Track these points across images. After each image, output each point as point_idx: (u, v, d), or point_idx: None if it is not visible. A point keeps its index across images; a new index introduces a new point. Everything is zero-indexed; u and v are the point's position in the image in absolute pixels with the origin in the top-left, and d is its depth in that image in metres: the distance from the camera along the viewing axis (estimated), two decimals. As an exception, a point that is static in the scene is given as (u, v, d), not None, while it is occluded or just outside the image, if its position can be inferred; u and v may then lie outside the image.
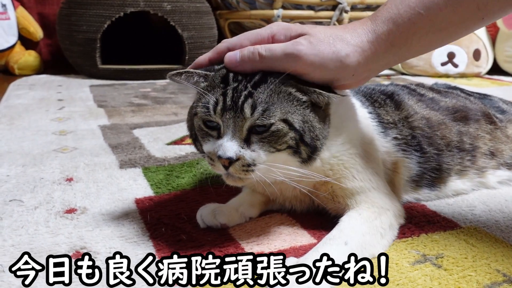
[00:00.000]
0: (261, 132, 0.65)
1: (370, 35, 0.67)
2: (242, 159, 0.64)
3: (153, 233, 0.75)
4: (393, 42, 0.67)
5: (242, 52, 0.68)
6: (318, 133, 0.68)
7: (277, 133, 0.65)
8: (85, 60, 2.27)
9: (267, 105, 0.64)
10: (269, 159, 0.66)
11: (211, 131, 0.68)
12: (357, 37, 0.67)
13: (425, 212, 0.84)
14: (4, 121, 1.44)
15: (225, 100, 0.65)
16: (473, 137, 0.91)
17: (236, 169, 0.65)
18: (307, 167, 0.70)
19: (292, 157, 0.68)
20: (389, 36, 0.67)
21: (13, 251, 0.69)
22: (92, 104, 1.73)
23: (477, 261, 0.68)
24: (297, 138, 0.66)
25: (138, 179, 0.99)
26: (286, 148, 0.66)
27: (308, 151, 0.68)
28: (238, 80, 0.66)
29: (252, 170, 0.65)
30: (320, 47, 0.65)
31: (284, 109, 0.65)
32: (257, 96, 0.64)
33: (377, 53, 0.67)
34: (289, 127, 0.65)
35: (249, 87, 0.65)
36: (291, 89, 0.66)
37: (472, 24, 0.68)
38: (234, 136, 0.64)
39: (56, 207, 0.84)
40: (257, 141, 0.65)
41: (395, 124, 0.85)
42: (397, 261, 0.68)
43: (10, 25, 2.43)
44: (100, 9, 2.18)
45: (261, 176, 0.66)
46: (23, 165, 1.05)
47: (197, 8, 2.35)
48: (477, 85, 2.29)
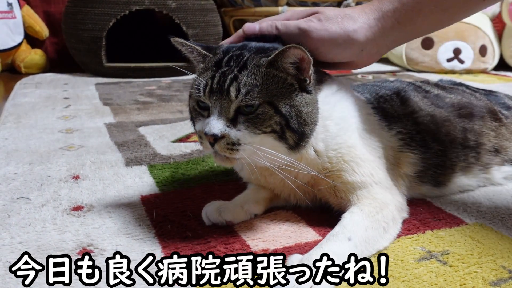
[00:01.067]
0: (248, 114, 0.67)
1: (376, 13, 0.73)
2: (227, 137, 0.67)
3: (159, 230, 0.76)
4: (399, 19, 0.72)
5: (261, 24, 0.76)
6: (306, 118, 0.69)
7: (262, 116, 0.67)
8: (90, 58, 2.28)
9: (250, 87, 0.67)
10: (255, 141, 0.68)
11: (202, 111, 0.71)
12: (364, 14, 0.73)
13: (430, 208, 0.84)
14: (11, 119, 1.45)
15: (212, 82, 0.69)
16: (478, 134, 0.91)
17: (221, 147, 0.67)
18: (295, 155, 0.71)
19: (278, 143, 0.69)
20: (395, 13, 0.72)
21: (21, 248, 0.70)
22: (98, 102, 1.74)
23: (482, 258, 0.68)
24: (282, 122, 0.68)
25: (144, 176, 1.00)
26: (270, 131, 0.68)
27: (295, 137, 0.69)
28: (229, 65, 0.70)
29: (237, 150, 0.67)
30: (329, 24, 0.72)
31: (270, 92, 0.68)
32: (242, 79, 0.67)
33: (384, 29, 0.72)
34: (274, 110, 0.68)
35: (235, 71, 0.68)
36: (277, 72, 0.69)
37: (474, 5, 0.73)
38: (220, 116, 0.68)
39: (63, 204, 0.85)
40: (243, 121, 0.68)
41: (399, 119, 0.85)
42: (402, 257, 0.68)
43: (16, 24, 2.44)
44: (105, 7, 2.19)
45: (246, 158, 0.68)
46: (30, 163, 1.06)
47: (202, 6, 2.36)
48: (483, 81, 2.28)
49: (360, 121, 0.79)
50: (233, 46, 0.75)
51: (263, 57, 0.69)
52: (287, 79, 0.69)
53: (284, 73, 0.69)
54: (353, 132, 0.77)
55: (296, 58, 0.68)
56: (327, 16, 0.72)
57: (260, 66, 0.69)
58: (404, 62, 2.62)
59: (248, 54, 0.71)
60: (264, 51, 0.71)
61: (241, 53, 0.71)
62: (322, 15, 0.73)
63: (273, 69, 0.69)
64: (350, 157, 0.75)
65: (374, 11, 0.73)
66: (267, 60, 0.68)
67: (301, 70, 0.69)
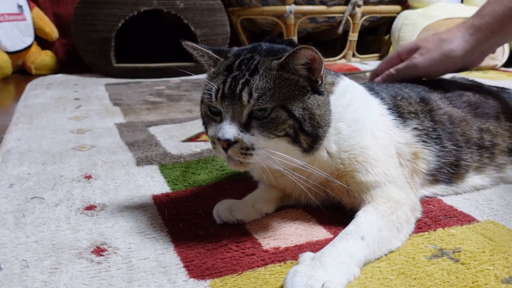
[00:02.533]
0: (261, 118, 0.67)
1: (470, 29, 0.89)
2: (241, 142, 0.67)
3: (171, 229, 0.76)
4: (492, 30, 0.88)
5: (382, 76, 1.01)
6: (319, 120, 0.69)
7: (276, 120, 0.67)
8: (100, 59, 2.30)
9: (263, 91, 0.66)
10: (269, 146, 0.68)
11: (215, 116, 0.71)
12: (460, 33, 0.89)
13: (441, 206, 0.84)
14: (23, 120, 1.47)
15: (224, 88, 0.68)
16: (493, 134, 0.91)
17: (235, 152, 0.67)
18: (309, 158, 0.71)
19: (292, 146, 0.69)
20: (488, 26, 0.88)
21: (36, 247, 0.71)
22: (108, 103, 1.75)
23: (494, 255, 0.68)
24: (295, 126, 0.68)
25: (155, 176, 1.00)
26: (284, 135, 0.68)
27: (308, 141, 0.69)
28: (241, 69, 0.69)
29: (251, 154, 0.67)
30: (429, 54, 0.92)
31: (283, 95, 0.67)
32: (253, 83, 0.67)
33: (478, 41, 0.89)
34: (288, 114, 0.67)
35: (247, 75, 0.68)
36: (288, 74, 0.68)
37: None
38: (233, 121, 0.68)
39: (76, 204, 0.86)
40: (257, 126, 0.67)
41: (416, 115, 0.85)
42: (414, 255, 0.68)
43: (26, 25, 2.47)
44: (114, 8, 2.20)
45: (260, 162, 0.68)
46: (43, 163, 1.07)
47: (210, 6, 2.36)
48: (493, 78, 2.26)
49: (373, 122, 0.79)
50: (243, 49, 0.75)
51: (274, 60, 0.69)
52: (299, 81, 0.69)
53: (295, 75, 0.69)
54: (366, 133, 0.77)
55: (308, 59, 0.68)
56: (427, 49, 0.91)
57: (272, 69, 0.68)
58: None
59: (258, 57, 0.70)
60: (275, 52, 0.71)
61: (252, 56, 0.71)
62: (423, 49, 0.92)
63: (284, 71, 0.68)
64: (363, 158, 0.75)
65: (468, 28, 0.89)
66: (278, 62, 0.68)
67: (312, 71, 0.69)
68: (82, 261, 0.67)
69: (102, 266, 0.66)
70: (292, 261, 0.67)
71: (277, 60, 0.69)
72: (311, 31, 2.90)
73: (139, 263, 0.67)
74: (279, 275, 0.63)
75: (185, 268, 0.65)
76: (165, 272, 0.64)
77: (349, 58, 2.83)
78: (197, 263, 0.66)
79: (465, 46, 0.88)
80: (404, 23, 2.69)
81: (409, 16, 2.69)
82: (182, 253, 0.69)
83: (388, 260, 0.67)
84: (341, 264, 0.61)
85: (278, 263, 0.66)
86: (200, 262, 0.67)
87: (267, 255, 0.68)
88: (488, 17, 0.88)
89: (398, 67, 0.96)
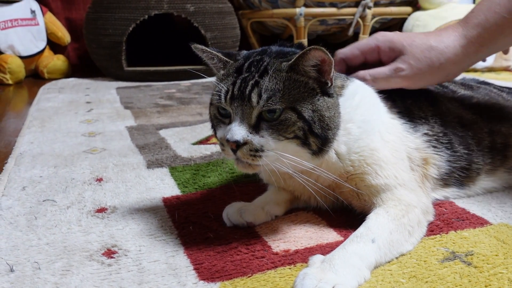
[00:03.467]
0: (271, 120, 0.67)
1: (462, 41, 0.81)
2: (250, 144, 0.66)
3: (181, 231, 0.77)
4: (482, 43, 0.82)
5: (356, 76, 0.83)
6: (329, 122, 0.69)
7: (286, 122, 0.67)
8: (111, 62, 2.32)
9: (272, 92, 0.66)
10: (278, 148, 0.67)
11: (224, 118, 0.71)
12: (451, 43, 0.81)
13: (453, 209, 0.83)
14: (35, 123, 1.49)
15: (233, 89, 0.68)
16: (505, 136, 0.90)
17: (244, 153, 0.66)
18: (318, 160, 0.71)
19: (301, 148, 0.69)
20: (479, 39, 0.81)
21: (48, 249, 0.72)
22: (119, 106, 1.76)
23: (508, 259, 0.67)
24: (305, 128, 0.67)
25: (165, 178, 1.01)
26: (293, 137, 0.67)
27: (318, 143, 0.69)
28: (250, 70, 0.69)
29: (260, 156, 0.67)
30: (418, 66, 0.81)
31: (292, 97, 0.67)
32: (263, 85, 0.67)
33: (468, 54, 0.82)
34: (297, 115, 0.67)
35: (256, 76, 0.68)
36: (298, 76, 0.68)
37: None
38: (242, 122, 0.67)
39: (88, 206, 0.87)
40: (266, 128, 0.67)
41: (427, 120, 0.84)
42: (426, 258, 0.67)
43: (39, 30, 2.50)
44: (125, 12, 2.22)
45: (269, 164, 0.68)
46: (55, 166, 1.09)
47: (220, 9, 2.37)
48: (505, 79, 2.23)
49: (383, 124, 0.78)
50: (253, 51, 0.75)
51: (283, 61, 0.69)
52: (308, 83, 0.69)
53: (305, 76, 0.69)
54: (375, 135, 0.76)
55: (317, 60, 0.67)
56: (414, 58, 0.81)
57: (281, 70, 0.68)
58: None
59: (268, 59, 0.70)
60: (284, 55, 0.71)
61: (261, 58, 0.71)
62: (409, 57, 0.81)
63: (294, 73, 0.68)
64: (373, 160, 0.74)
65: (459, 39, 0.81)
66: (288, 64, 0.68)
67: (322, 72, 0.69)
68: (93, 263, 0.67)
69: (113, 268, 0.66)
70: (302, 264, 0.66)
71: (287, 61, 0.69)
72: (321, 33, 2.89)
73: (149, 266, 0.67)
74: (289, 277, 0.63)
75: (195, 270, 0.65)
76: (175, 274, 0.64)
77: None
78: (207, 265, 0.66)
79: (455, 59, 0.81)
80: (415, 25, 2.67)
81: (420, 18, 2.67)
82: (192, 255, 0.69)
83: (399, 263, 0.66)
84: (351, 267, 0.60)
85: (288, 266, 0.66)
86: (210, 264, 0.67)
87: (277, 257, 0.68)
88: (480, 28, 0.81)
89: (376, 74, 0.82)
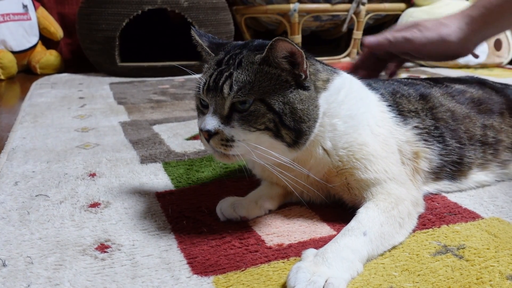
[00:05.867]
0: (242, 111, 0.68)
1: (466, 19, 0.93)
2: (221, 133, 0.68)
3: (174, 226, 0.77)
4: (486, 21, 0.92)
5: (378, 37, 1.01)
6: (302, 115, 0.69)
7: (255, 113, 0.68)
8: (104, 58, 2.31)
9: (243, 84, 0.68)
10: (250, 138, 0.69)
11: (204, 109, 0.73)
12: (456, 21, 0.94)
13: (446, 203, 0.83)
14: (28, 119, 1.48)
15: (209, 81, 0.71)
16: (497, 131, 0.90)
17: (216, 143, 0.69)
18: (296, 153, 0.72)
19: (275, 141, 0.69)
20: (482, 17, 0.92)
21: (41, 243, 0.71)
22: (112, 101, 1.76)
23: (499, 252, 0.67)
24: (276, 120, 0.68)
25: (159, 173, 1.01)
26: (264, 128, 0.69)
27: (292, 135, 0.69)
28: (228, 63, 0.71)
29: (231, 146, 0.69)
30: (427, 32, 0.94)
31: (263, 89, 0.68)
32: (236, 76, 0.69)
33: (473, 31, 0.93)
34: (267, 107, 0.68)
35: (231, 69, 0.69)
36: (270, 68, 0.69)
37: None
38: (215, 113, 0.70)
39: (81, 201, 0.87)
40: (238, 119, 0.69)
41: (417, 113, 0.84)
42: (418, 252, 0.68)
43: (31, 25, 2.48)
44: (118, 7, 2.21)
45: (245, 155, 0.70)
46: (48, 161, 1.08)
47: (214, 5, 2.36)
48: (498, 75, 2.25)
49: (372, 118, 0.79)
50: (236, 45, 0.76)
51: (258, 54, 0.70)
52: (281, 75, 0.69)
53: (278, 69, 0.69)
54: (364, 130, 0.76)
55: (287, 52, 0.68)
56: (426, 27, 0.94)
57: (254, 63, 0.70)
58: (417, 58, 2.59)
59: (245, 52, 0.72)
60: (262, 48, 0.71)
61: (241, 52, 0.72)
62: (422, 27, 0.95)
63: (266, 65, 0.69)
64: (361, 154, 0.75)
65: (464, 17, 0.93)
66: (260, 56, 0.69)
67: (295, 64, 0.69)
68: (86, 258, 0.67)
69: (106, 262, 0.66)
70: (295, 258, 0.67)
71: (260, 54, 0.70)
72: (315, 29, 2.89)
73: (142, 260, 0.67)
74: (282, 271, 0.63)
75: (189, 264, 0.65)
76: (168, 268, 0.65)
77: (354, 56, 2.82)
78: (201, 259, 0.66)
79: (460, 34, 0.92)
80: (409, 21, 2.67)
81: (414, 14, 2.68)
82: (185, 250, 0.69)
83: (392, 256, 0.67)
84: (344, 260, 0.61)
85: (281, 260, 0.66)
86: (203, 258, 0.67)
87: (270, 251, 0.68)
88: (483, 8, 0.92)
89: (395, 35, 0.97)
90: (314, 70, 0.74)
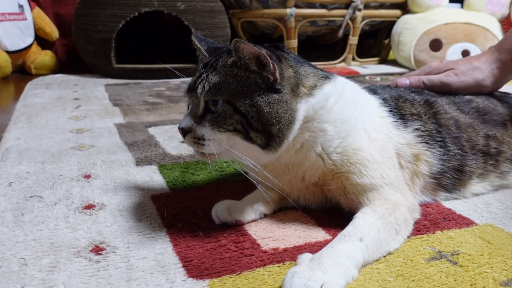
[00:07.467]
0: (214, 112, 0.71)
1: (497, 63, 1.01)
2: (193, 132, 0.72)
3: (170, 229, 0.76)
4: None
5: (410, 79, 1.04)
6: (270, 117, 0.70)
7: (223, 114, 0.70)
8: (100, 59, 2.30)
9: (213, 84, 0.71)
10: (221, 139, 0.71)
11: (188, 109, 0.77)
12: (488, 65, 1.01)
13: (440, 209, 0.84)
14: (22, 119, 1.47)
15: (191, 82, 0.75)
16: (499, 142, 0.91)
17: (189, 140, 0.73)
18: (273, 154, 0.73)
19: (247, 142, 0.71)
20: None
21: (35, 245, 0.71)
22: (107, 103, 1.75)
23: (493, 258, 0.68)
24: (243, 122, 0.70)
25: (154, 176, 1.00)
26: (233, 130, 0.71)
27: (262, 138, 0.71)
28: (211, 66, 0.74)
29: (203, 144, 0.72)
30: (463, 77, 0.99)
31: (230, 91, 0.70)
32: (209, 78, 0.72)
33: (504, 74, 1.01)
34: (233, 109, 0.70)
35: (210, 71, 0.73)
36: (240, 71, 0.71)
37: None
38: (191, 112, 0.74)
39: (75, 203, 0.86)
40: (209, 119, 0.72)
41: (419, 116, 0.85)
42: (412, 257, 0.68)
43: (27, 25, 2.47)
44: (115, 9, 2.20)
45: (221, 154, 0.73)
46: (42, 162, 1.07)
47: (211, 8, 2.37)
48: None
49: (371, 122, 0.79)
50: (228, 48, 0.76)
51: (231, 57, 0.72)
52: (250, 78, 0.70)
53: (247, 71, 0.71)
54: (359, 134, 0.76)
55: (248, 54, 0.69)
56: (461, 71, 1.00)
57: (226, 65, 0.72)
58: (412, 64, 2.61)
59: (225, 55, 0.73)
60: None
61: (225, 55, 0.74)
62: (457, 70, 1.00)
63: (236, 68, 0.71)
64: (356, 159, 0.75)
65: (495, 62, 1.01)
66: (232, 59, 0.71)
67: (263, 66, 0.70)
68: (81, 260, 0.67)
69: (101, 265, 0.66)
70: (290, 262, 0.67)
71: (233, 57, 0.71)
72: (311, 34, 2.90)
73: (137, 263, 0.67)
74: (277, 275, 0.63)
75: (184, 268, 0.65)
76: (163, 271, 0.64)
77: (349, 61, 2.84)
78: (196, 263, 0.66)
79: (493, 78, 1.00)
80: (404, 28, 2.69)
81: (409, 21, 2.70)
82: (180, 253, 0.69)
83: (386, 262, 0.67)
84: (339, 266, 0.61)
85: (276, 264, 0.66)
86: (198, 262, 0.67)
87: (265, 255, 0.69)
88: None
89: (430, 77, 1.01)
90: (293, 74, 0.73)
